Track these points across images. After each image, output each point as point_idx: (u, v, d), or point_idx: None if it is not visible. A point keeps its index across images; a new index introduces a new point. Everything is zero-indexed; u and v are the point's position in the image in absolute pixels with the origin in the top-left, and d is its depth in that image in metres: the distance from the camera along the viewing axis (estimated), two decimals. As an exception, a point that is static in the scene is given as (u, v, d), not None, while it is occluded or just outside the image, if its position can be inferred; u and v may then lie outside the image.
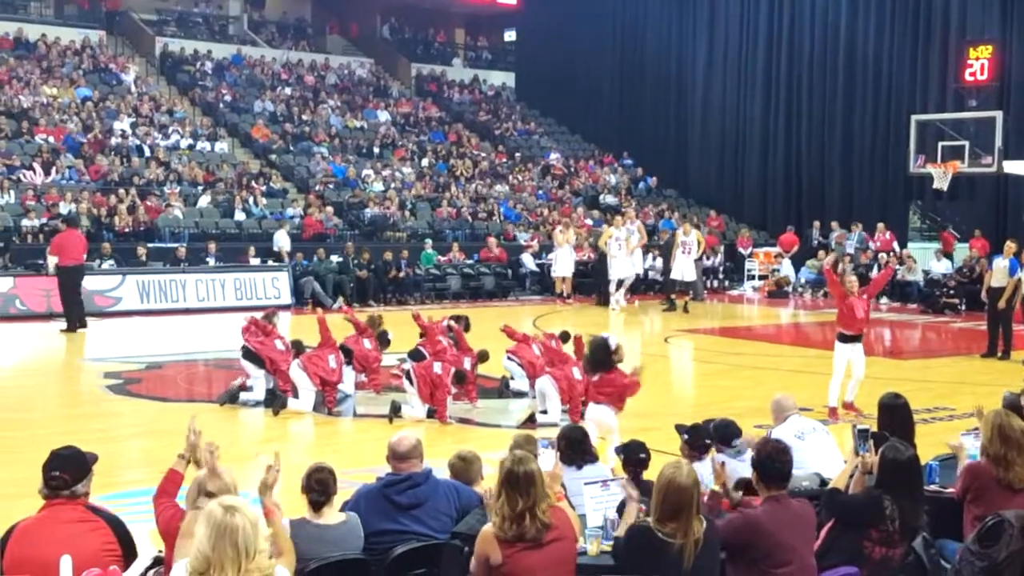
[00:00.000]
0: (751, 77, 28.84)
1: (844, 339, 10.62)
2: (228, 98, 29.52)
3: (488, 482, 5.45)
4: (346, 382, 11.39)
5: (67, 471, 4.51)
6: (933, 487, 5.86)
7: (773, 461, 4.87)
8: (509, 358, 11.71)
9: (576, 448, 5.99)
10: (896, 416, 6.78)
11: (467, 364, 10.88)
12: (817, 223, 26.20)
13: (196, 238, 21.39)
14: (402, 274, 21.85)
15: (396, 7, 38.07)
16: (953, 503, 5.56)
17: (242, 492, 4.41)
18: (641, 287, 23.24)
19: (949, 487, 5.74)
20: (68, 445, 4.73)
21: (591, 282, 23.02)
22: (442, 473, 5.58)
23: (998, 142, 20.26)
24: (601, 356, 9.13)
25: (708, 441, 6.27)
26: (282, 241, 21.79)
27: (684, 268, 21.22)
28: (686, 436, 6.26)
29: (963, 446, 5.93)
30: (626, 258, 21.47)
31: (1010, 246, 14.94)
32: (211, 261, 20.42)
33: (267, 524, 4.04)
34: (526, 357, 11.40)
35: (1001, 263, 14.79)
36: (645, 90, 31.52)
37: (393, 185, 26.63)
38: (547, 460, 5.08)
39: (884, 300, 22.05)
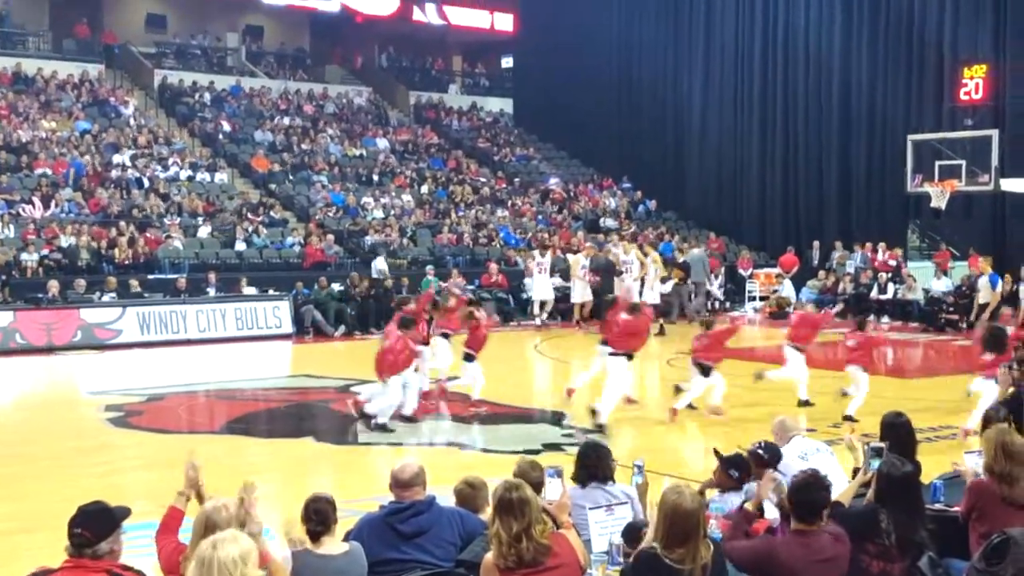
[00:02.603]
0: (747, 99, 28.96)
1: None
2: (227, 129, 29.65)
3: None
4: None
5: (90, 528, 4.31)
6: (938, 505, 5.84)
7: (808, 493, 4.73)
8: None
9: (589, 468, 5.86)
10: (898, 434, 6.79)
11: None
12: (817, 243, 26.23)
13: (196, 269, 21.42)
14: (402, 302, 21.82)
15: (393, 36, 38.31)
16: (958, 522, 5.54)
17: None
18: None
19: (955, 505, 5.71)
20: (95, 500, 4.52)
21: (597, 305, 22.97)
22: (446, 500, 5.56)
23: (994, 160, 20.31)
24: None
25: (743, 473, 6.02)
26: (381, 265, 22.63)
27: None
28: (733, 472, 5.96)
29: (969, 469, 5.90)
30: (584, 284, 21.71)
31: (983, 265, 15.08)
32: (211, 292, 20.44)
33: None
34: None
35: (983, 281, 14.98)
36: (643, 113, 31.67)
37: (393, 212, 26.68)
38: (554, 489, 5.02)
39: (885, 319, 22.04)
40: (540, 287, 22.50)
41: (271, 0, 34.23)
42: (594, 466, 5.82)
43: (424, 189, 29.15)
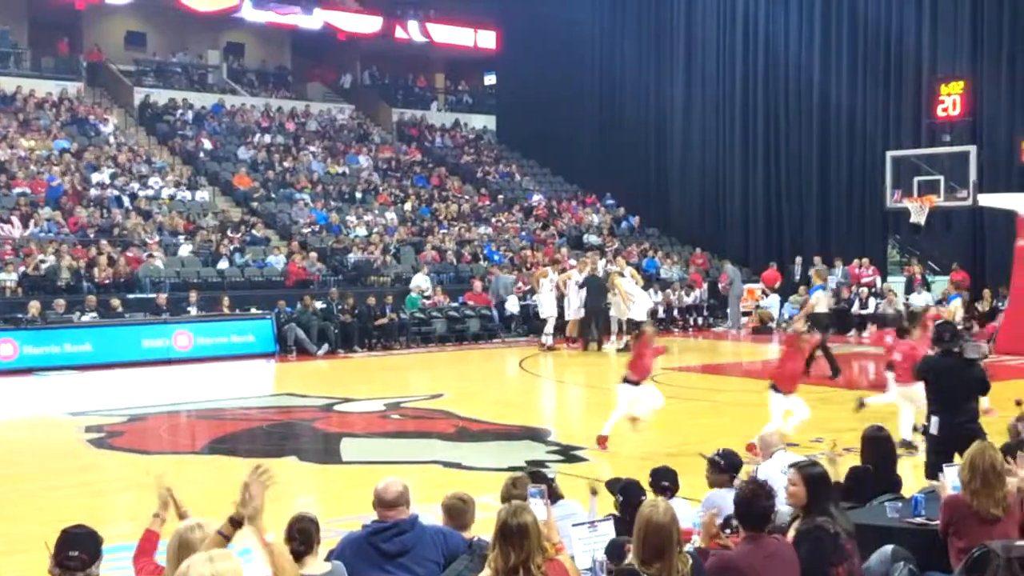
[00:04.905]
0: (729, 116, 29.14)
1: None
2: (208, 147, 29.60)
3: (477, 529, 5.42)
4: None
5: (85, 551, 4.29)
6: (919, 520, 5.89)
7: (754, 502, 4.88)
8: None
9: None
10: (878, 448, 6.87)
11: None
12: (799, 259, 26.40)
13: (177, 287, 21.31)
14: (386, 319, 21.82)
15: (376, 53, 38.40)
16: (938, 536, 5.59)
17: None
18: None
19: (935, 520, 5.76)
20: (79, 524, 4.50)
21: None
22: (431, 519, 5.55)
23: (972, 176, 20.49)
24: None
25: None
26: (420, 281, 23.09)
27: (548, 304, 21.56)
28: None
29: (943, 484, 5.96)
30: (552, 298, 21.80)
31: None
32: (193, 310, 20.35)
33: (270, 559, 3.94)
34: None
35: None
36: (625, 130, 31.75)
37: (376, 230, 26.67)
38: (537, 509, 5.03)
39: (866, 333, 22.19)
40: (558, 305, 21.97)
41: (252, 18, 34.27)
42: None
43: (407, 206, 29.17)
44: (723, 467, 6.60)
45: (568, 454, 10.93)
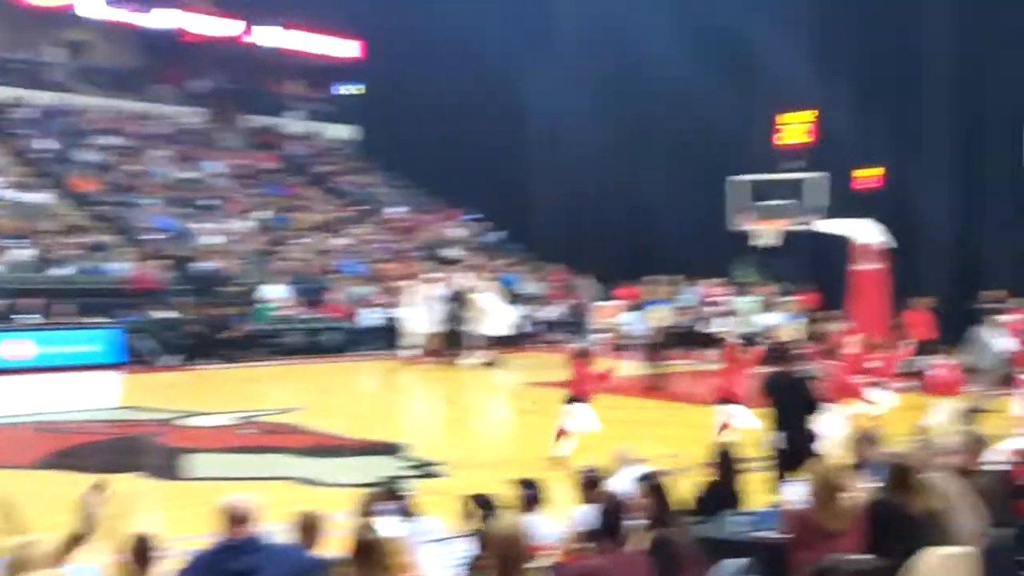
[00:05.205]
0: (591, 135, 29.63)
1: None
2: (49, 147, 28.25)
3: (329, 547, 5.31)
4: None
5: None
6: (764, 534, 6.01)
7: (609, 515, 5.07)
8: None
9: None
10: (727, 464, 7.08)
11: None
12: (656, 276, 27.05)
13: (10, 294, 20.16)
14: (237, 331, 21.24)
15: (232, 58, 37.40)
16: (782, 550, 5.74)
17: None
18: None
19: (779, 534, 5.91)
20: None
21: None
22: (281, 536, 5.40)
23: (817, 200, 21.46)
24: None
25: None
26: (269, 292, 22.38)
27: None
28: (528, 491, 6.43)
29: (787, 499, 6.15)
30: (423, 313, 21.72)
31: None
32: (30, 318, 19.34)
33: None
34: None
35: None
36: (490, 143, 31.74)
37: (229, 238, 25.96)
38: (390, 527, 4.96)
39: (712, 351, 22.80)
40: (417, 318, 21.83)
41: (90, 14, 32.82)
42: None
43: (261, 215, 28.51)
44: (588, 482, 6.69)
45: (426, 470, 10.84)
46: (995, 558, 5.86)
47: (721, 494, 7.00)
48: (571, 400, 11.40)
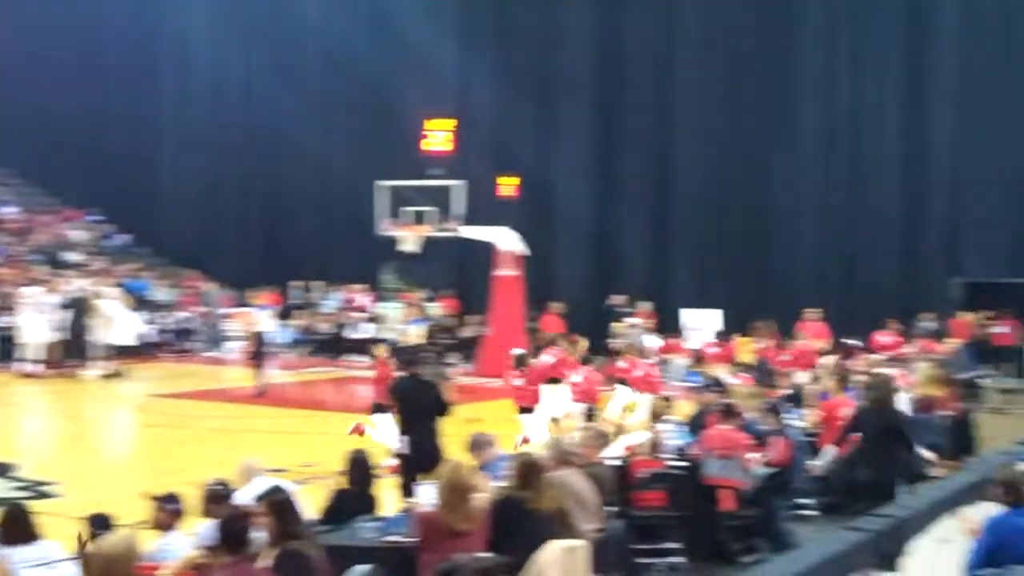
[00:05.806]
0: (229, 134, 28.64)
1: None
2: None
3: None
4: None
5: None
6: (394, 538, 6.09)
7: (233, 526, 5.03)
8: None
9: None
10: (360, 470, 7.05)
11: None
12: (302, 283, 26.61)
13: None
14: None
15: None
16: (412, 553, 5.72)
17: None
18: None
19: (409, 537, 5.90)
20: None
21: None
22: None
23: (458, 208, 22.09)
24: None
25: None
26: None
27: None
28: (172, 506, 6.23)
29: (417, 501, 6.21)
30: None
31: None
32: None
33: None
34: None
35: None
36: (113, 141, 29.40)
37: None
38: None
39: (358, 357, 22.76)
40: (35, 327, 19.91)
41: None
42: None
43: None
44: (213, 496, 6.48)
45: (38, 490, 10.07)
46: (610, 548, 6.17)
47: (354, 501, 6.94)
48: (376, 409, 11.00)
